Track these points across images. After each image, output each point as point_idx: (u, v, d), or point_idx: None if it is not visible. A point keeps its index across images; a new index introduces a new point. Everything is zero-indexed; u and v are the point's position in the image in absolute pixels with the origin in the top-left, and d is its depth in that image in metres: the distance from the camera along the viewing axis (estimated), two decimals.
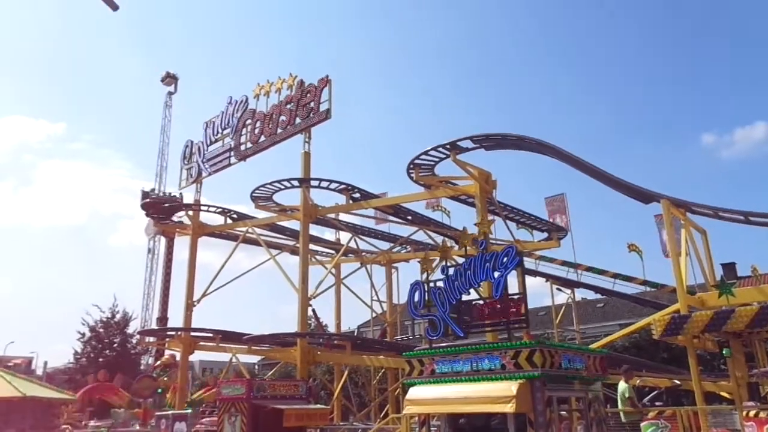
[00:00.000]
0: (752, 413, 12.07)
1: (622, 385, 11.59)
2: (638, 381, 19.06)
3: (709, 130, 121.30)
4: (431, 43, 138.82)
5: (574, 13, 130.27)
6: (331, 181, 25.04)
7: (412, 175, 21.97)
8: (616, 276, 29.73)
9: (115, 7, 7.35)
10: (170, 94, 54.11)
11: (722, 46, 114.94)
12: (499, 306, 8.94)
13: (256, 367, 53.72)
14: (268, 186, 25.63)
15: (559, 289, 31.65)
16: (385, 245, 32.10)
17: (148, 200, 37.25)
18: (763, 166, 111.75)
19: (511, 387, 7.87)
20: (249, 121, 28.41)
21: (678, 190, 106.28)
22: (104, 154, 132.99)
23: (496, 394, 7.94)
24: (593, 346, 19.19)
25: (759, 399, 13.24)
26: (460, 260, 10.17)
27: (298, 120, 25.64)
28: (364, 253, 31.73)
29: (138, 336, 43.18)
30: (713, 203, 19.47)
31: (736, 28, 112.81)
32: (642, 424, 12.70)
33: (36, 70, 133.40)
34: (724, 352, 14.27)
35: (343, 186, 25.17)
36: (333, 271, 29.64)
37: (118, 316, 44.44)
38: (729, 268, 33.21)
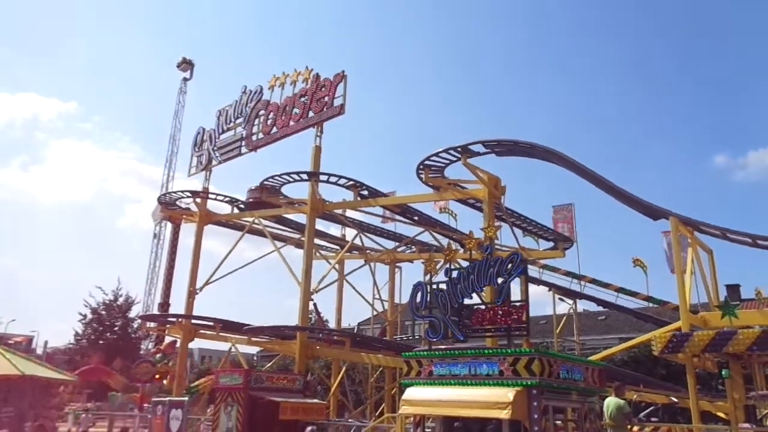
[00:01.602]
0: None
1: (615, 401, 11.53)
2: (635, 396, 19.02)
3: (722, 151, 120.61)
4: (450, 44, 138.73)
5: (588, 27, 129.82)
6: (340, 177, 25.04)
7: (421, 175, 21.97)
8: (619, 290, 29.63)
9: None
10: (185, 80, 54.08)
11: (738, 65, 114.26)
12: (500, 312, 8.95)
13: (255, 357, 53.89)
14: (277, 178, 25.69)
15: (562, 299, 31.57)
16: (390, 244, 32.12)
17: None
18: None
19: (507, 393, 7.89)
20: (262, 112, 28.47)
21: (686, 208, 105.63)
22: (114, 137, 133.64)
23: (493, 399, 7.96)
24: (593, 358, 19.19)
25: (755, 422, 13.19)
26: (465, 264, 10.19)
27: (311, 113, 25.68)
28: (368, 251, 31.75)
29: (139, 320, 43.36)
30: (722, 224, 19.41)
31: (752, 48, 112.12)
32: None
33: (49, 48, 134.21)
34: (723, 373, 14.23)
35: (351, 182, 25.18)
36: (336, 266, 29.66)
37: (120, 300, 44.66)
38: (733, 289, 33.07)
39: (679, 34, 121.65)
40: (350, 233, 31.04)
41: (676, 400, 19.35)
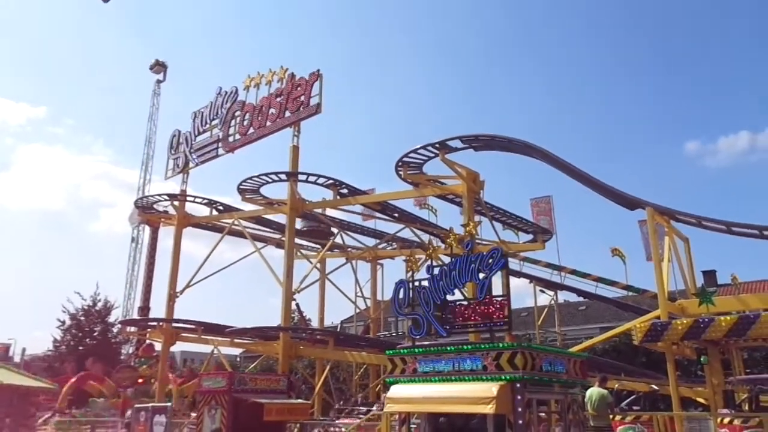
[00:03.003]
0: (726, 420, 12.26)
1: (597, 391, 11.67)
2: (617, 385, 19.27)
3: (694, 137, 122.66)
4: (429, 40, 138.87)
5: (562, 19, 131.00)
6: (319, 176, 24.97)
7: (400, 172, 21.99)
8: (599, 280, 30.02)
9: None
10: (159, 82, 53.64)
11: (707, 53, 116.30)
12: (482, 307, 9.01)
13: (238, 359, 53.55)
14: (256, 179, 25.51)
15: (543, 291, 31.93)
16: (371, 242, 32.12)
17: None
18: (746, 175, 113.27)
19: (491, 388, 7.94)
20: (238, 113, 28.22)
21: (659, 195, 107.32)
22: (86, 140, 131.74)
23: (477, 395, 8.01)
24: (574, 348, 19.40)
25: (734, 407, 13.43)
26: (446, 260, 10.23)
27: (287, 113, 25.52)
28: (349, 249, 31.72)
29: (119, 325, 42.82)
30: (695, 211, 19.75)
31: (721, 35, 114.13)
32: (619, 428, 12.82)
33: (18, 53, 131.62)
34: (701, 359, 14.46)
35: (330, 181, 25.12)
36: (318, 265, 29.60)
37: (99, 305, 44.04)
38: (709, 275, 33.76)
39: (649, 20, 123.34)
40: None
41: (656, 387, 19.63)
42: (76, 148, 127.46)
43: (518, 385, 7.97)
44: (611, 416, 12.44)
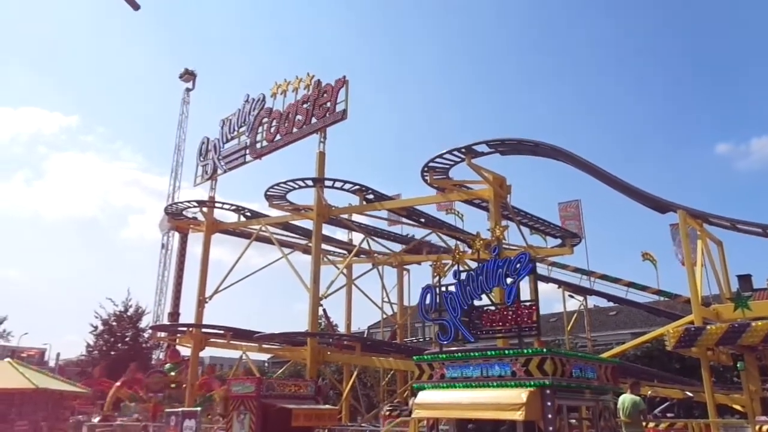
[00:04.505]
0: (765, 428, 11.92)
1: (630, 398, 11.44)
2: (649, 392, 18.89)
3: (725, 139, 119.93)
4: (454, 44, 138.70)
5: (590, 18, 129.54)
6: (345, 182, 25.09)
7: (426, 177, 21.95)
8: (629, 285, 29.44)
9: (136, 7, 7.42)
10: (188, 90, 54.40)
11: (738, 53, 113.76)
12: (510, 312, 8.91)
13: (266, 364, 53.91)
14: (282, 185, 25.74)
15: (571, 296, 31.45)
16: (397, 247, 32.09)
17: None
18: None
19: (521, 394, 7.83)
20: (265, 120, 28.58)
21: (690, 198, 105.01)
22: (116, 147, 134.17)
23: (506, 401, 7.91)
24: (605, 354, 19.07)
25: None
26: (473, 264, 10.15)
27: (314, 120, 25.74)
28: (376, 254, 31.75)
29: (150, 331, 43.50)
30: (727, 214, 19.26)
31: (752, 34, 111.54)
32: None
33: (52, 63, 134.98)
34: (738, 365, 14.11)
35: (356, 187, 25.21)
36: (344, 271, 29.69)
37: (131, 311, 44.79)
38: (745, 280, 32.97)
39: (678, 21, 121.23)
40: (357, 237, 31.10)
41: (691, 394, 19.19)
42: (107, 155, 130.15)
43: (548, 391, 7.85)
44: (644, 423, 12.18)
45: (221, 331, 28.34)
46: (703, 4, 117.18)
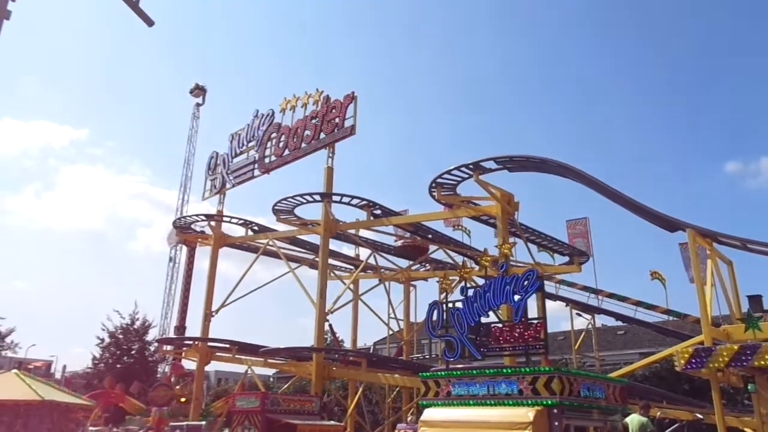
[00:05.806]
0: None
1: (638, 418, 11.31)
2: (658, 413, 18.64)
3: (734, 158, 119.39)
4: (460, 61, 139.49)
5: (596, 36, 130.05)
6: (353, 197, 25.11)
7: (434, 193, 21.96)
8: (638, 303, 29.17)
9: (150, 23, 7.51)
10: (198, 105, 54.90)
11: (747, 70, 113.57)
12: (518, 330, 8.86)
13: (271, 379, 53.69)
14: (290, 199, 25.80)
15: (579, 314, 31.17)
16: (404, 263, 32.02)
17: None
18: None
19: (528, 413, 7.77)
20: (274, 135, 28.75)
21: (698, 217, 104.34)
22: (125, 160, 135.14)
23: (513, 419, 7.84)
24: (613, 374, 18.86)
25: None
26: (480, 281, 10.12)
27: (322, 135, 25.86)
28: (382, 270, 31.68)
29: (156, 344, 43.46)
30: (736, 233, 19.09)
31: (760, 52, 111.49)
32: None
33: (62, 77, 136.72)
34: (749, 387, 13.89)
35: (364, 202, 25.24)
36: (351, 286, 29.60)
37: (137, 323, 44.82)
38: (755, 300, 32.67)
39: (685, 38, 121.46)
40: (364, 253, 31.05)
41: (701, 416, 18.93)
42: (116, 168, 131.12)
43: (555, 410, 7.78)
44: None
45: (227, 345, 28.28)
46: (715, 20, 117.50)
